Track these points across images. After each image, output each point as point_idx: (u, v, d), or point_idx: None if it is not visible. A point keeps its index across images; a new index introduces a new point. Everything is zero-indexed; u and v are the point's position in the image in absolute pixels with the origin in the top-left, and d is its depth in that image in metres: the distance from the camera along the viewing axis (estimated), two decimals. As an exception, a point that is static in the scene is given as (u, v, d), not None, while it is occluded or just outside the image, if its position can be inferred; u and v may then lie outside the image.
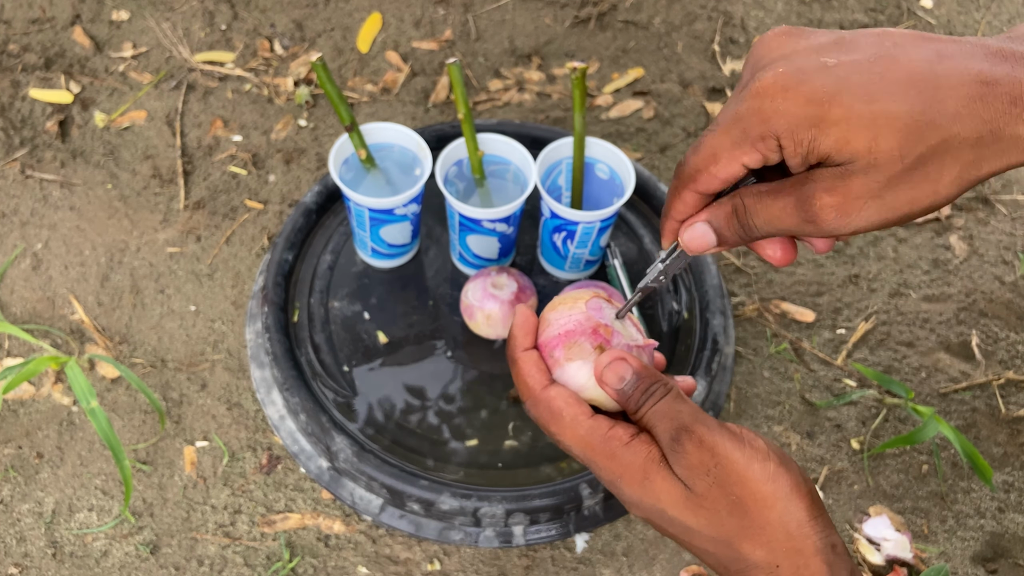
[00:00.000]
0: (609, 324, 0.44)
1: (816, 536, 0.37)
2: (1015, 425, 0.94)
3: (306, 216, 0.94)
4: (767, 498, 0.38)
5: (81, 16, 1.24)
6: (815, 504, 0.38)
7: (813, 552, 0.37)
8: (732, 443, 0.38)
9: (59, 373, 0.93)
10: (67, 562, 0.83)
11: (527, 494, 0.79)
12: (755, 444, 0.39)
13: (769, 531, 0.38)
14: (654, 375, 0.41)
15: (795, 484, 0.38)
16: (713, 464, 0.38)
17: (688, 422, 0.39)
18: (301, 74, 1.19)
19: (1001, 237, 1.09)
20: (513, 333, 0.44)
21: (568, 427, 0.41)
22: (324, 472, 0.83)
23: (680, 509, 0.39)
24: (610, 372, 0.41)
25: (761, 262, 1.04)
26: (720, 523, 0.38)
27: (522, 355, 0.43)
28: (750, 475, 0.38)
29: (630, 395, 0.41)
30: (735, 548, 0.39)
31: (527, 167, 0.84)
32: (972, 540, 0.87)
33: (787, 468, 0.38)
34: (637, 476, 0.40)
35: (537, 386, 0.42)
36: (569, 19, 1.28)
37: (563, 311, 0.45)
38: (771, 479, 0.38)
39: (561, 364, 0.43)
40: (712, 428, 0.39)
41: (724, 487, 0.38)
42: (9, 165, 1.09)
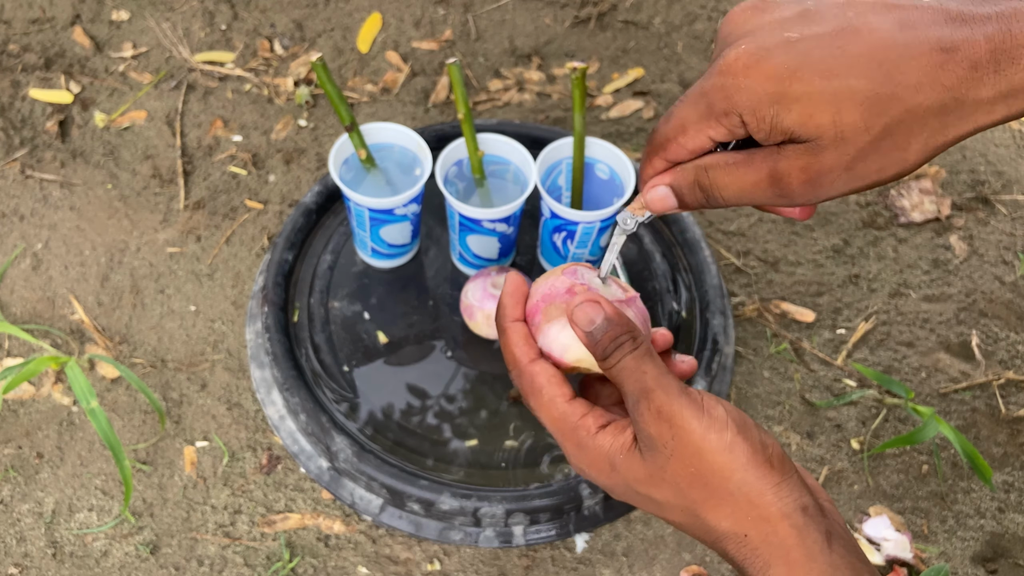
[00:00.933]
0: (586, 283, 0.44)
1: (781, 502, 0.37)
2: (1015, 425, 0.94)
3: (306, 216, 0.94)
4: (723, 469, 0.37)
5: (81, 16, 1.24)
6: (779, 469, 0.38)
7: (779, 517, 0.37)
8: (690, 411, 0.38)
9: (59, 373, 0.93)
10: (67, 562, 0.83)
11: (527, 494, 0.79)
12: (713, 412, 0.38)
13: (731, 501, 0.37)
14: (626, 325, 0.41)
15: (752, 452, 0.37)
16: (671, 435, 0.38)
17: (650, 386, 0.39)
18: (301, 74, 1.19)
19: (1001, 237, 1.09)
20: (503, 302, 0.44)
21: (544, 406, 0.41)
22: (324, 472, 0.83)
23: (646, 486, 0.39)
24: (580, 312, 0.41)
25: (761, 262, 1.04)
26: (683, 494, 0.38)
27: (511, 325, 0.44)
28: (706, 446, 0.37)
29: (599, 340, 0.40)
30: (701, 518, 0.38)
31: (527, 167, 0.84)
32: (972, 540, 0.87)
33: (744, 436, 0.38)
34: (604, 467, 0.40)
35: (524, 358, 0.42)
36: (569, 19, 1.28)
37: (542, 280, 0.45)
38: (727, 449, 0.37)
39: (542, 328, 0.43)
40: (672, 395, 0.38)
41: (682, 459, 0.38)
42: (9, 165, 1.09)
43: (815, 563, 0.36)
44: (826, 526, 0.37)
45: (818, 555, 0.36)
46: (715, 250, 1.05)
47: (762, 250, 1.06)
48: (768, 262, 1.05)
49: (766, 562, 0.37)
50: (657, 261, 0.96)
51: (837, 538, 0.37)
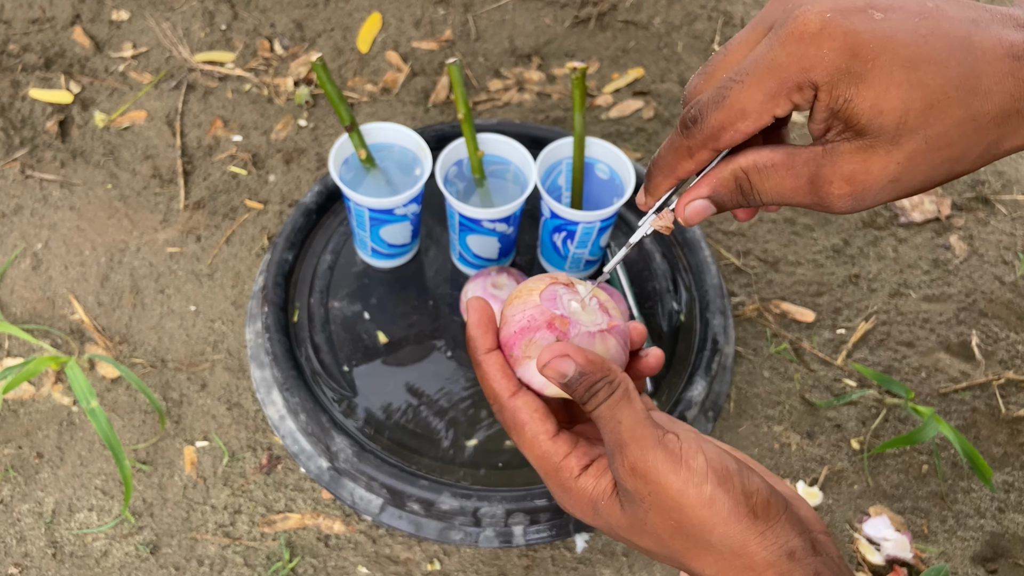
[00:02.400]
0: (565, 314, 0.42)
1: (766, 551, 0.36)
2: (1015, 425, 0.94)
3: (306, 216, 0.94)
4: (704, 523, 0.36)
5: (81, 16, 1.24)
6: (764, 517, 0.36)
7: (764, 567, 0.36)
8: (666, 465, 0.36)
9: (59, 373, 0.93)
10: (67, 562, 0.83)
11: (527, 494, 0.79)
12: (692, 464, 0.36)
13: (714, 551, 0.37)
14: (601, 370, 0.38)
15: (734, 504, 0.36)
16: (647, 492, 0.36)
17: (624, 439, 0.37)
18: (301, 74, 1.19)
19: (1001, 237, 1.09)
20: (471, 334, 0.42)
21: (527, 443, 0.40)
22: (324, 472, 0.83)
23: (628, 533, 0.39)
24: (550, 370, 0.38)
25: (761, 262, 1.04)
26: (664, 544, 0.38)
27: (484, 358, 0.41)
28: (685, 501, 0.36)
29: (575, 389, 0.38)
30: (687, 566, 0.38)
31: (527, 167, 0.84)
32: (972, 540, 0.87)
33: (726, 488, 0.36)
34: (587, 509, 0.40)
35: (504, 392, 0.40)
36: (569, 19, 1.28)
37: (518, 306, 0.42)
38: (707, 504, 0.36)
39: (521, 363, 0.41)
40: (646, 448, 0.36)
41: (660, 512, 0.37)
42: (9, 165, 1.09)
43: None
44: (815, 568, 0.36)
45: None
46: (715, 250, 1.05)
47: (762, 250, 1.06)
48: (768, 262, 1.05)
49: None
50: (657, 261, 0.96)
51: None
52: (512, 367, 0.42)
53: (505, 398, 0.40)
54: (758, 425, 0.93)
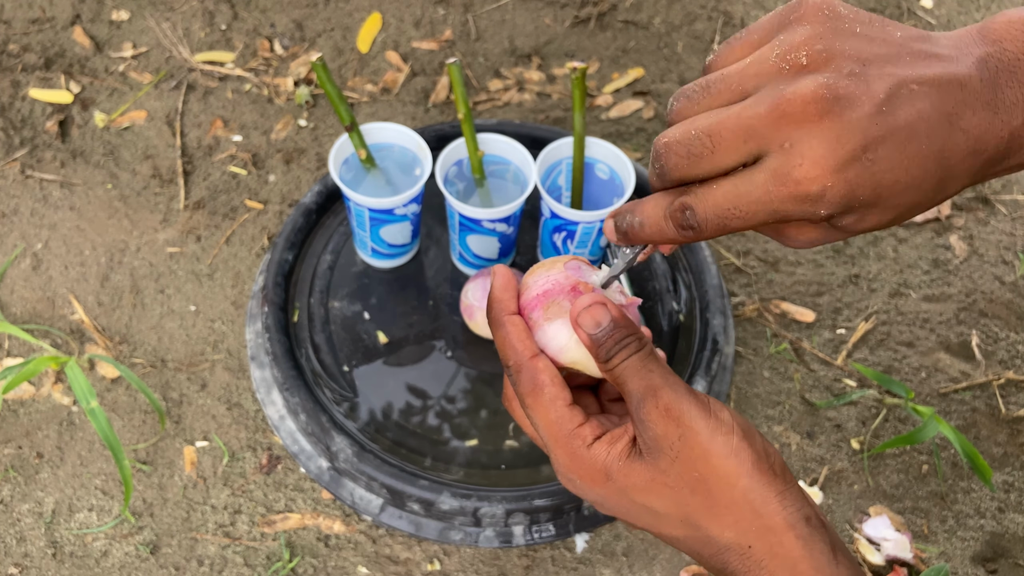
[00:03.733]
0: (589, 282, 0.42)
1: (786, 511, 0.36)
2: (1015, 425, 0.94)
3: (306, 216, 0.94)
4: (730, 475, 0.36)
5: (81, 16, 1.24)
6: (782, 478, 0.37)
7: (785, 528, 0.36)
8: (698, 412, 0.37)
9: (59, 373, 0.93)
10: (67, 562, 0.83)
11: (527, 494, 0.79)
12: (720, 415, 0.37)
13: (735, 510, 0.36)
14: (631, 326, 0.39)
15: (757, 459, 0.36)
16: (677, 436, 0.37)
17: (658, 384, 0.37)
18: (301, 74, 1.19)
19: (1001, 237, 1.09)
20: (496, 296, 0.42)
21: (543, 406, 0.40)
22: (324, 472, 0.83)
23: (644, 493, 0.38)
24: (587, 315, 0.39)
25: (761, 262, 1.04)
26: (684, 502, 0.37)
27: (508, 319, 0.41)
28: (713, 449, 0.36)
29: (602, 342, 0.39)
30: (703, 530, 0.37)
31: (527, 167, 0.84)
32: (972, 540, 0.87)
33: (750, 442, 0.37)
34: (599, 477, 0.39)
35: (526, 353, 0.40)
36: (569, 19, 1.28)
37: (541, 273, 0.43)
38: (734, 453, 0.36)
39: (541, 325, 0.41)
40: (680, 395, 0.37)
41: (687, 462, 0.37)
42: (9, 165, 1.09)
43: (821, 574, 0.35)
44: (829, 537, 0.36)
45: (825, 567, 0.36)
46: (715, 250, 1.05)
47: (762, 250, 1.06)
48: (768, 262, 1.05)
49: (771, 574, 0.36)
50: (657, 261, 0.96)
51: (841, 550, 0.36)
52: (532, 331, 0.42)
53: (527, 358, 0.40)
54: (758, 425, 0.93)
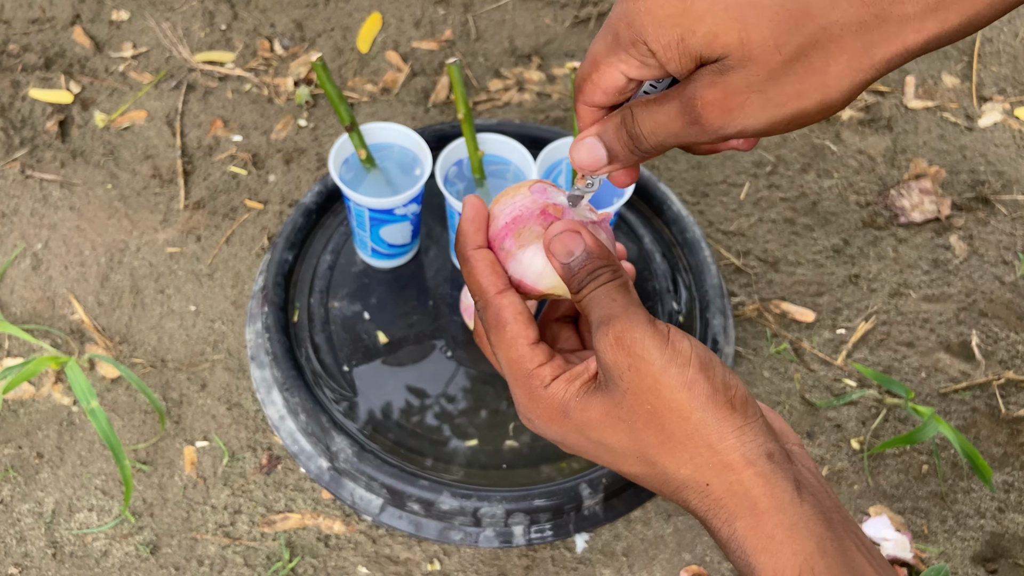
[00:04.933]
0: (558, 203, 0.40)
1: (744, 447, 0.34)
2: (1015, 425, 0.94)
3: (306, 216, 0.94)
4: (682, 408, 0.34)
5: (81, 16, 1.24)
6: (741, 412, 0.35)
7: (743, 464, 0.34)
8: (653, 341, 0.35)
9: (59, 373, 0.93)
10: (67, 562, 0.83)
11: (527, 494, 0.79)
12: (678, 346, 0.35)
13: (690, 445, 0.35)
14: (606, 257, 0.38)
15: (713, 391, 0.35)
16: (627, 366, 0.35)
17: (617, 312, 0.36)
18: (301, 74, 1.19)
19: (1001, 237, 1.09)
20: (463, 229, 0.40)
21: (505, 343, 0.39)
22: (324, 472, 0.83)
23: (600, 428, 0.37)
24: (559, 243, 0.38)
25: (761, 262, 1.04)
26: (638, 437, 0.36)
27: (474, 253, 0.40)
28: (664, 380, 0.35)
29: (575, 272, 0.38)
30: (659, 466, 0.36)
31: (527, 167, 0.84)
32: (972, 540, 0.87)
33: (707, 374, 0.35)
34: (556, 415, 0.38)
35: (491, 288, 0.39)
36: (569, 19, 1.28)
37: (506, 201, 0.41)
38: (687, 386, 0.34)
39: (513, 254, 0.40)
40: (635, 323, 0.36)
41: (637, 394, 0.35)
42: (9, 165, 1.09)
43: (784, 514, 0.34)
44: (795, 473, 0.35)
45: (787, 505, 0.34)
46: (715, 250, 1.05)
47: (762, 250, 1.06)
48: (768, 262, 1.05)
49: (731, 514, 0.34)
50: (657, 261, 0.96)
51: (806, 486, 0.35)
52: (503, 262, 0.40)
53: (492, 294, 0.39)
54: (758, 425, 0.93)
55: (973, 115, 1.20)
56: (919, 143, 1.17)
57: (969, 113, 1.20)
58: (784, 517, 0.33)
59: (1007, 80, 1.24)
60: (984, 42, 1.28)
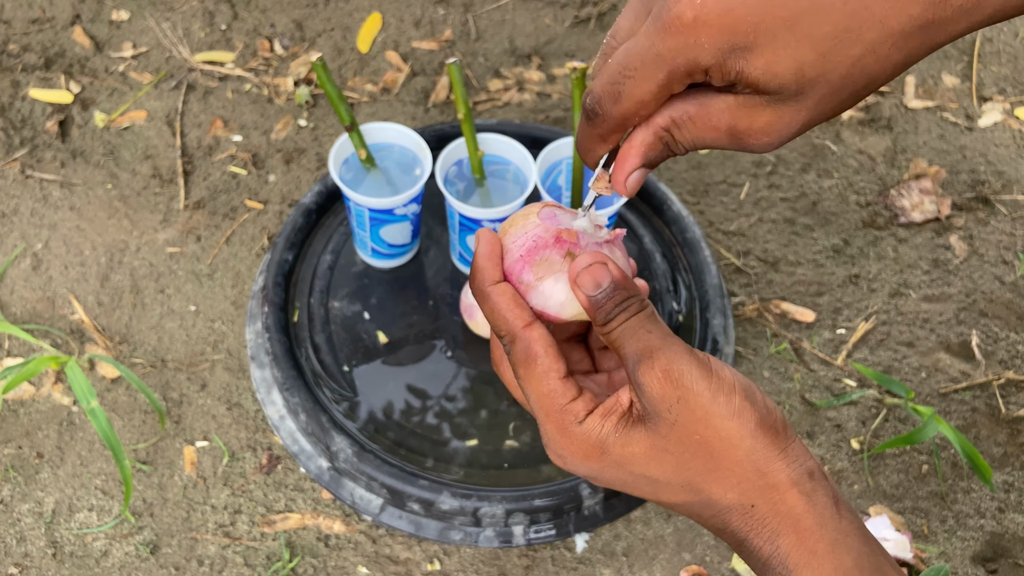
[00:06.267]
0: (571, 227, 0.40)
1: (789, 468, 0.35)
2: (1015, 425, 0.94)
3: (306, 216, 0.94)
4: (732, 436, 0.35)
5: (81, 16, 1.24)
6: (784, 435, 0.36)
7: (788, 485, 0.35)
8: (699, 372, 0.36)
9: (59, 373, 0.93)
10: (67, 562, 0.83)
11: (527, 494, 0.79)
12: (721, 374, 0.36)
13: (738, 471, 0.36)
14: (632, 287, 0.38)
15: (760, 418, 0.36)
16: (676, 398, 0.36)
17: (656, 344, 0.36)
18: (301, 74, 1.19)
19: (1001, 237, 1.09)
20: (479, 264, 0.40)
21: (536, 377, 0.38)
22: (324, 472, 0.83)
23: (644, 463, 0.37)
24: (587, 276, 0.38)
25: (761, 262, 1.04)
26: (685, 466, 0.36)
27: (493, 289, 0.39)
28: (714, 410, 0.35)
29: (602, 304, 0.38)
30: (704, 493, 0.37)
31: (527, 167, 0.84)
32: (972, 540, 0.87)
33: (752, 402, 0.36)
34: (592, 453, 0.38)
35: (518, 322, 0.39)
36: (569, 19, 1.28)
37: (517, 232, 0.40)
38: (736, 414, 0.35)
39: (534, 287, 0.39)
40: (679, 355, 0.36)
41: (687, 426, 0.36)
42: (9, 165, 1.09)
43: (826, 529, 0.35)
44: (832, 490, 0.36)
45: (828, 521, 0.35)
46: (715, 250, 1.05)
47: (762, 250, 1.06)
48: (768, 262, 1.05)
49: (775, 532, 0.35)
50: (657, 261, 0.96)
51: (844, 503, 0.36)
52: (524, 295, 0.40)
53: (519, 328, 0.39)
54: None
55: (973, 115, 1.20)
56: (919, 143, 1.17)
57: (969, 113, 1.20)
58: (826, 533, 0.35)
59: (1007, 80, 1.24)
60: (984, 42, 1.28)
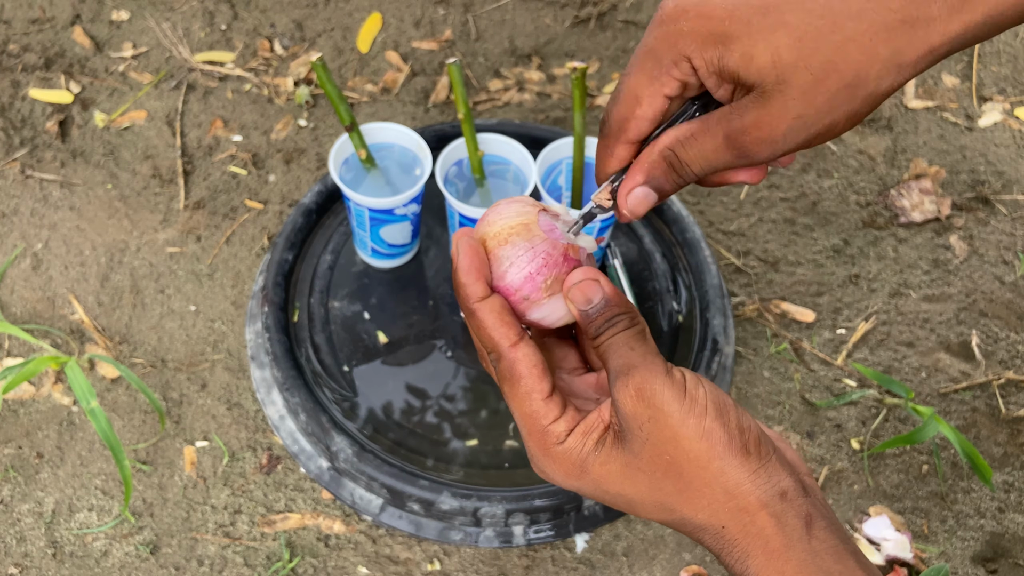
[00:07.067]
0: (572, 243, 0.41)
1: (759, 490, 0.36)
2: (1015, 425, 0.94)
3: (306, 216, 0.94)
4: (700, 457, 0.36)
5: (81, 16, 1.24)
6: (756, 454, 0.36)
7: (758, 507, 0.36)
8: (671, 392, 0.36)
9: (59, 373, 0.93)
10: (67, 562, 0.83)
11: (527, 494, 0.79)
12: (694, 395, 0.36)
13: (707, 493, 0.36)
14: (623, 305, 0.39)
15: (729, 439, 0.36)
16: (647, 418, 0.36)
17: (636, 362, 0.37)
18: (301, 74, 1.19)
19: (1001, 237, 1.09)
20: (461, 281, 0.40)
21: (519, 397, 0.39)
22: (324, 472, 0.83)
23: (619, 482, 0.38)
24: (578, 291, 0.39)
25: (761, 262, 1.04)
26: (657, 486, 0.37)
27: (479, 306, 0.39)
28: (683, 432, 0.36)
29: (593, 319, 0.39)
30: (677, 513, 0.37)
31: (527, 167, 0.84)
32: (972, 540, 0.87)
33: (722, 421, 0.36)
34: (572, 470, 0.39)
35: (504, 342, 0.39)
36: (569, 19, 1.28)
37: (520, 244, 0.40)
38: (705, 436, 0.36)
39: (539, 303, 0.40)
40: (655, 374, 0.36)
41: (657, 445, 0.36)
42: (9, 165, 1.09)
43: (793, 551, 0.35)
44: (806, 509, 0.36)
45: (796, 543, 0.35)
46: (715, 250, 1.05)
47: (762, 250, 1.06)
48: (768, 262, 1.05)
49: (744, 552, 0.36)
50: (657, 261, 0.96)
51: (818, 520, 0.36)
52: (523, 311, 0.40)
53: (505, 347, 0.39)
54: (758, 425, 0.93)
55: (973, 115, 1.20)
56: (919, 143, 1.17)
57: (969, 113, 1.20)
58: (793, 554, 0.35)
59: (1007, 80, 1.24)
60: (984, 42, 1.28)
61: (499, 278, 0.40)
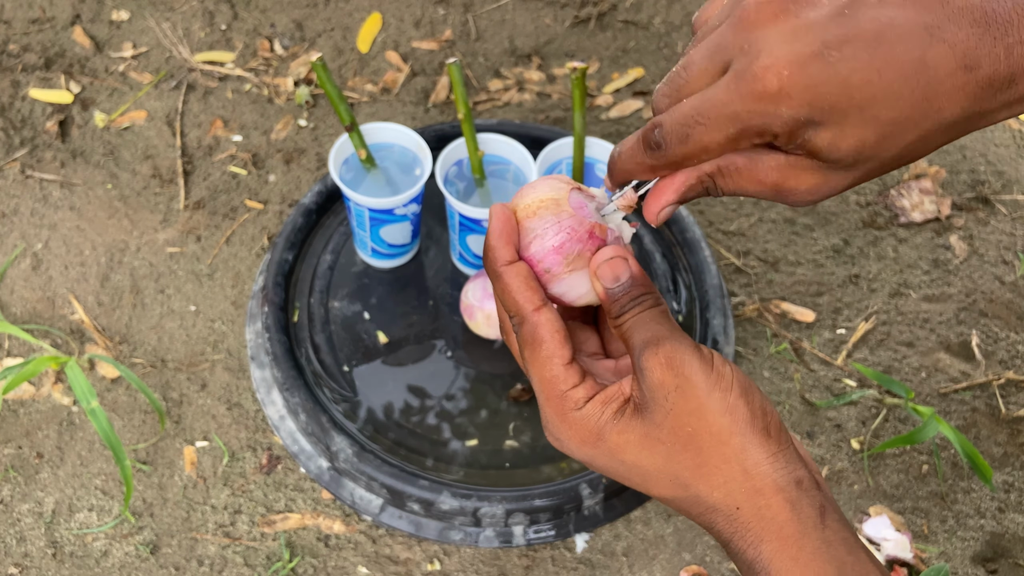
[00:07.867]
0: (600, 222, 0.41)
1: (776, 473, 0.36)
2: (1015, 425, 0.94)
3: (306, 216, 0.94)
4: (721, 432, 0.36)
5: (81, 16, 1.24)
6: (776, 438, 0.37)
7: (774, 491, 0.36)
8: (700, 365, 0.36)
9: (59, 373, 0.93)
10: (67, 562, 0.83)
11: (527, 494, 0.79)
12: (721, 370, 0.37)
13: (725, 470, 0.36)
14: (648, 285, 0.39)
15: (752, 418, 0.36)
16: (674, 386, 0.36)
17: (665, 335, 0.37)
18: (301, 74, 1.19)
19: (1001, 237, 1.09)
20: (491, 244, 0.40)
21: (539, 361, 0.39)
22: (324, 472, 0.83)
23: (636, 452, 0.38)
24: (607, 268, 0.39)
25: (761, 262, 1.04)
26: (675, 459, 0.37)
27: (506, 269, 0.40)
28: (708, 405, 0.36)
29: (618, 297, 0.39)
30: (692, 489, 0.37)
31: (527, 167, 0.84)
32: (972, 540, 0.87)
33: (747, 400, 0.36)
34: (589, 438, 0.39)
35: (528, 305, 0.39)
36: (569, 19, 1.28)
37: (548, 218, 0.40)
38: (728, 411, 0.36)
39: (560, 277, 0.40)
40: (684, 346, 0.37)
41: (680, 416, 0.36)
42: (9, 165, 1.09)
43: (808, 539, 0.35)
44: (820, 500, 0.36)
45: (811, 531, 0.35)
46: (715, 250, 1.05)
47: (762, 250, 1.06)
48: (768, 262, 1.05)
49: (758, 537, 0.36)
50: (657, 261, 0.96)
51: (831, 513, 0.36)
52: (546, 283, 0.41)
53: (529, 311, 0.39)
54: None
55: (973, 115, 1.20)
56: (919, 143, 1.17)
57: (969, 113, 1.20)
58: (807, 542, 0.35)
59: (1007, 80, 1.24)
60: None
61: (524, 248, 0.41)
